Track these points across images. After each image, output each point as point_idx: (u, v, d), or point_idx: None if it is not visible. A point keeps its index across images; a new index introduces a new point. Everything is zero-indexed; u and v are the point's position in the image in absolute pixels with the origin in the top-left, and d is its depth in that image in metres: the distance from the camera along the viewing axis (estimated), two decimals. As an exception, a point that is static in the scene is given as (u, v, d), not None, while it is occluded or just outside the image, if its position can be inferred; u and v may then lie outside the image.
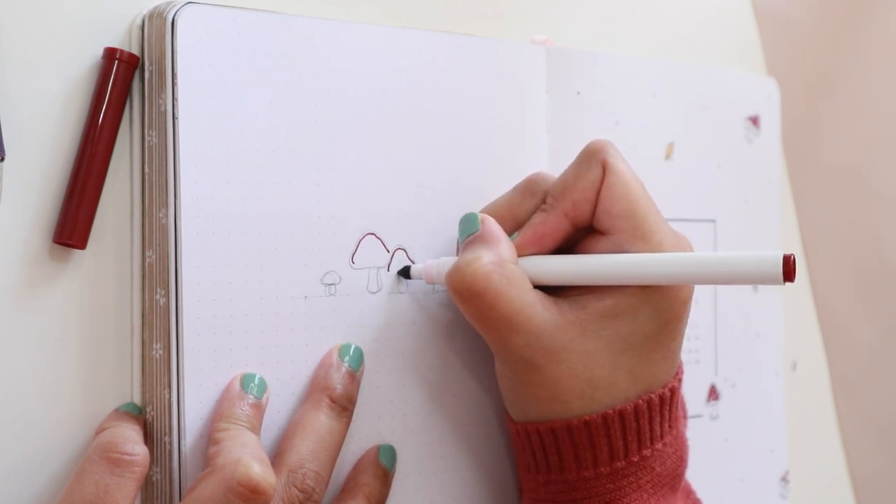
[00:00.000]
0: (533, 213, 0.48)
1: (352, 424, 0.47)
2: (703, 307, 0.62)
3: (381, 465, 0.47)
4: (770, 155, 0.67)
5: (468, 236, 0.46)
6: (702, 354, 0.62)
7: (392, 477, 0.48)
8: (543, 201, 0.48)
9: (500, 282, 0.44)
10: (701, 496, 0.51)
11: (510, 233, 0.47)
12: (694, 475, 0.51)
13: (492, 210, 0.49)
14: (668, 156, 0.61)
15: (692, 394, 0.62)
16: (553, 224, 0.46)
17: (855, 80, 0.77)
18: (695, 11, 0.69)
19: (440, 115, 0.51)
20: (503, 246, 0.45)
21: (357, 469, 0.47)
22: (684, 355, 0.61)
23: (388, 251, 0.49)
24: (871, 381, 0.77)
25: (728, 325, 0.64)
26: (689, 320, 0.48)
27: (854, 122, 0.77)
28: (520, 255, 0.46)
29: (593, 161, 0.46)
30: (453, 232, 0.50)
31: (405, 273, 0.49)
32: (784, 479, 0.67)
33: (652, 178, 0.60)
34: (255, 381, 0.44)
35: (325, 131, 0.47)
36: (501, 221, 0.47)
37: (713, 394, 0.63)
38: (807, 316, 0.75)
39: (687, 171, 0.62)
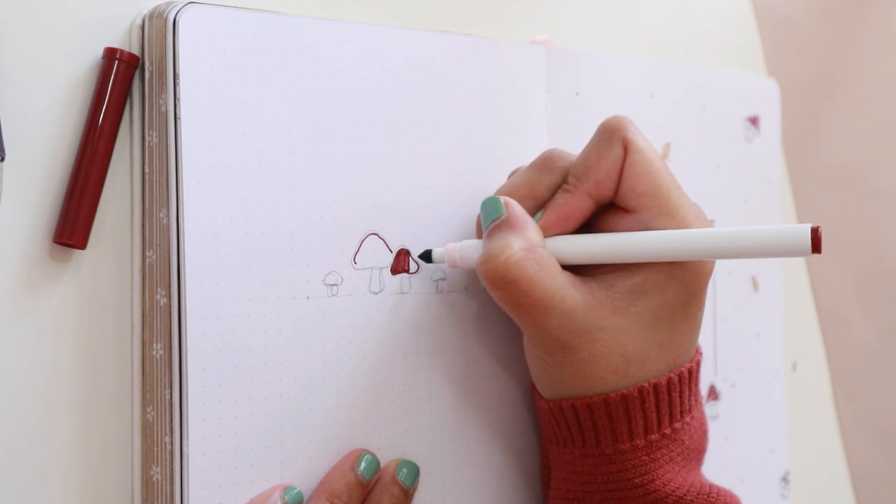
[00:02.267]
0: (552, 190, 0.48)
1: (355, 427, 0.47)
2: (703, 307, 0.62)
3: (399, 484, 0.48)
4: (770, 155, 0.67)
5: (493, 221, 0.46)
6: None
7: (413, 493, 0.48)
8: (563, 178, 0.48)
9: (532, 268, 0.44)
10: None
11: (532, 212, 0.47)
12: (695, 475, 0.51)
13: (510, 190, 0.49)
14: (664, 156, 0.61)
15: (692, 394, 0.62)
16: (577, 204, 0.47)
17: (855, 80, 0.77)
18: (695, 11, 0.69)
19: (440, 115, 0.51)
20: (531, 230, 0.46)
21: (375, 489, 0.47)
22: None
23: (391, 251, 0.49)
24: (871, 381, 0.77)
25: (728, 325, 0.64)
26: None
27: (854, 122, 0.77)
28: (545, 237, 0.47)
29: (614, 139, 0.46)
30: (455, 231, 0.50)
31: (426, 257, 0.49)
32: (784, 479, 0.67)
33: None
34: (294, 492, 0.45)
35: (326, 131, 0.47)
36: (521, 201, 0.47)
37: (713, 394, 0.63)
38: (807, 316, 0.75)
39: (685, 171, 0.62)
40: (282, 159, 0.46)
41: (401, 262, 0.49)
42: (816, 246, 0.41)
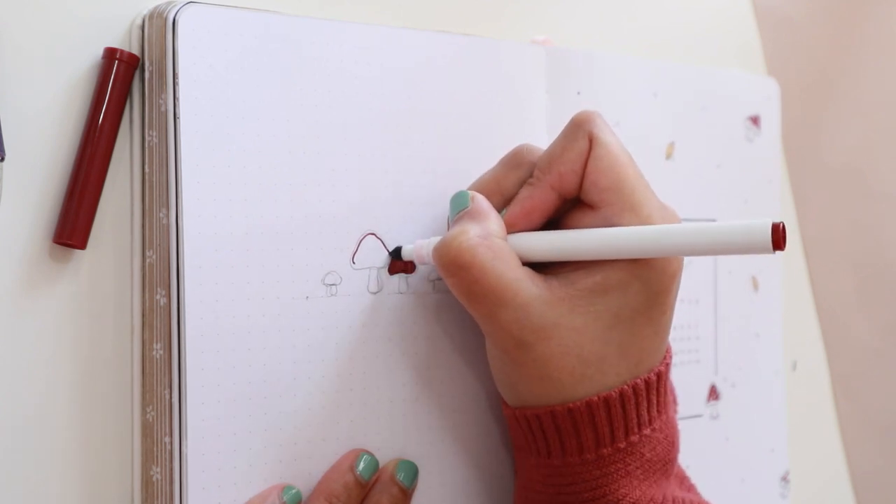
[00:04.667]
0: (520, 185, 0.47)
1: (354, 427, 0.47)
2: (703, 307, 0.62)
3: (398, 484, 0.47)
4: (770, 155, 0.67)
5: (458, 213, 0.46)
6: (702, 354, 0.62)
7: (412, 493, 0.48)
8: (530, 174, 0.47)
9: (485, 255, 0.44)
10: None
11: (499, 208, 0.47)
12: (694, 475, 0.51)
13: (479, 186, 0.48)
14: (668, 156, 0.61)
15: (692, 394, 0.62)
16: (540, 197, 0.46)
17: (855, 80, 0.77)
18: (695, 11, 0.69)
19: (440, 115, 0.51)
20: (491, 220, 0.45)
21: (374, 489, 0.47)
22: (685, 355, 0.61)
23: (388, 251, 0.49)
24: (871, 381, 0.77)
25: (728, 325, 0.64)
26: (692, 320, 0.48)
27: (854, 122, 0.77)
28: (509, 232, 0.46)
29: (580, 132, 0.46)
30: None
31: (396, 254, 0.49)
32: (784, 479, 0.67)
33: (652, 177, 0.60)
34: (293, 493, 0.45)
35: (325, 131, 0.47)
36: (489, 196, 0.47)
37: (713, 394, 0.63)
38: (807, 316, 0.75)
39: (687, 170, 0.62)
40: (281, 159, 0.46)
41: (397, 263, 0.49)
42: (778, 243, 0.39)
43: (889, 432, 0.78)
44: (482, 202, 0.46)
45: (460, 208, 0.46)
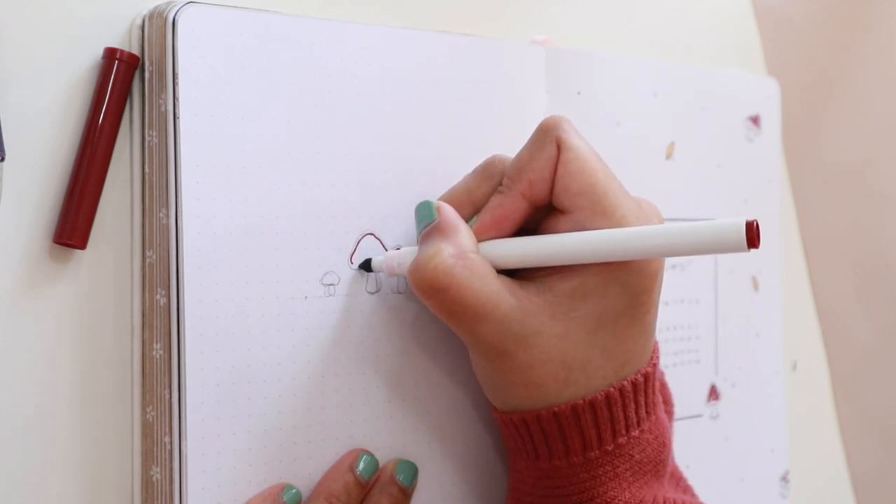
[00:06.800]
0: (491, 196, 0.47)
1: (354, 427, 0.47)
2: (703, 307, 0.62)
3: (398, 484, 0.47)
4: (770, 155, 0.67)
5: (425, 226, 0.45)
6: (702, 354, 0.62)
7: (412, 493, 0.48)
8: (501, 183, 0.47)
9: (462, 274, 0.43)
10: (701, 496, 0.51)
11: (469, 218, 0.47)
12: (694, 475, 0.51)
13: (449, 196, 0.48)
14: (668, 155, 0.61)
15: (692, 394, 0.62)
16: (510, 206, 0.46)
17: (855, 80, 0.77)
18: (695, 11, 0.69)
19: (440, 115, 0.51)
20: (462, 235, 0.45)
21: (374, 489, 0.47)
22: (685, 355, 0.61)
23: (387, 251, 0.49)
24: (871, 381, 0.77)
25: (728, 325, 0.64)
26: (692, 320, 0.48)
27: (854, 122, 0.77)
28: (479, 241, 0.45)
29: (547, 138, 0.45)
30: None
31: (366, 266, 0.48)
32: (784, 479, 0.67)
33: (653, 177, 0.61)
34: (292, 493, 0.45)
35: (325, 131, 0.47)
36: (459, 207, 0.46)
37: (713, 394, 0.63)
38: (807, 316, 0.75)
39: (687, 170, 0.62)
40: (280, 159, 0.46)
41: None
42: (752, 241, 0.38)
43: (889, 432, 0.78)
44: (449, 214, 0.45)
45: (426, 221, 0.45)
